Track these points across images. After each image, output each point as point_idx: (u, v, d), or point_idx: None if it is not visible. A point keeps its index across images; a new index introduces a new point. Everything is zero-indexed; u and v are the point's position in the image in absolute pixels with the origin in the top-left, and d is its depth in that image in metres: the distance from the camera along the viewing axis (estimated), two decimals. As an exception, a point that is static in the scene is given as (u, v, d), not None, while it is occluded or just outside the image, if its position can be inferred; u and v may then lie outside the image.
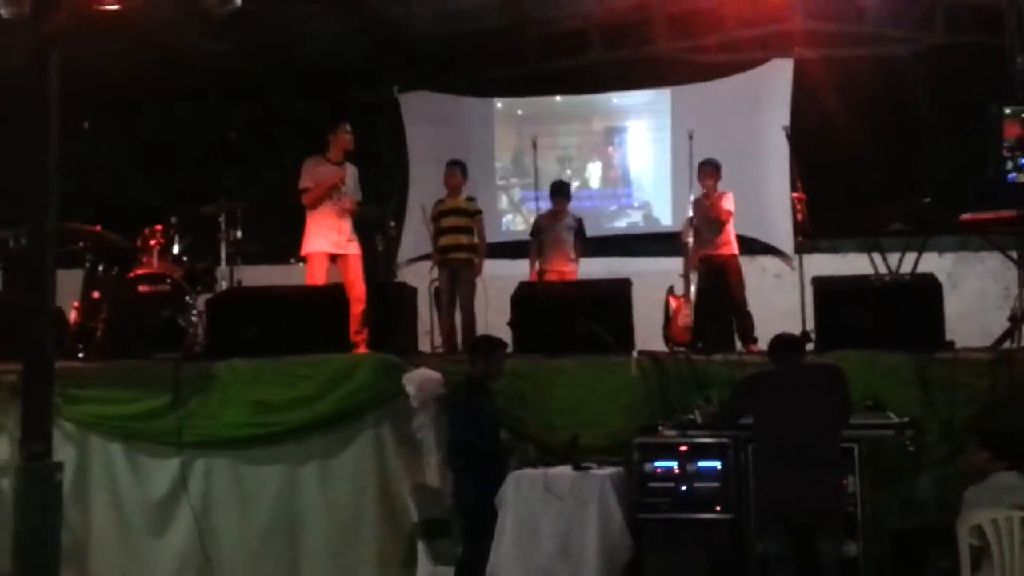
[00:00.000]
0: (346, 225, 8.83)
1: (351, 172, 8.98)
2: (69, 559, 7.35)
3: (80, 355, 8.45)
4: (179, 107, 11.74)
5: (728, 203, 9.08)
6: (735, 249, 9.18)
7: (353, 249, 8.84)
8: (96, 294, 8.75)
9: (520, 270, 9.52)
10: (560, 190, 9.68)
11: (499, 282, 8.99)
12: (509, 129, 12.28)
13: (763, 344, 7.96)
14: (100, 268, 8.92)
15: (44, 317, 6.97)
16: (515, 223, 11.82)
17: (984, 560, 5.75)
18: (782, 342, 6.41)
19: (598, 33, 11.82)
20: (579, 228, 9.57)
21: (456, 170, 9.32)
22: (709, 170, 9.16)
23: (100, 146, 11.00)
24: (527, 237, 9.82)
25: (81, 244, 8.92)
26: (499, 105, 12.26)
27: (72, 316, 8.71)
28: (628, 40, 11.79)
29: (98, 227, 9.00)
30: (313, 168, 8.83)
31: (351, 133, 8.93)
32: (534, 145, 9.93)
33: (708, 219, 9.11)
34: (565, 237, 9.43)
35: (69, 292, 8.58)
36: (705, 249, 9.07)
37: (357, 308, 8.53)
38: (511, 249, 10.44)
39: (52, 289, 7.05)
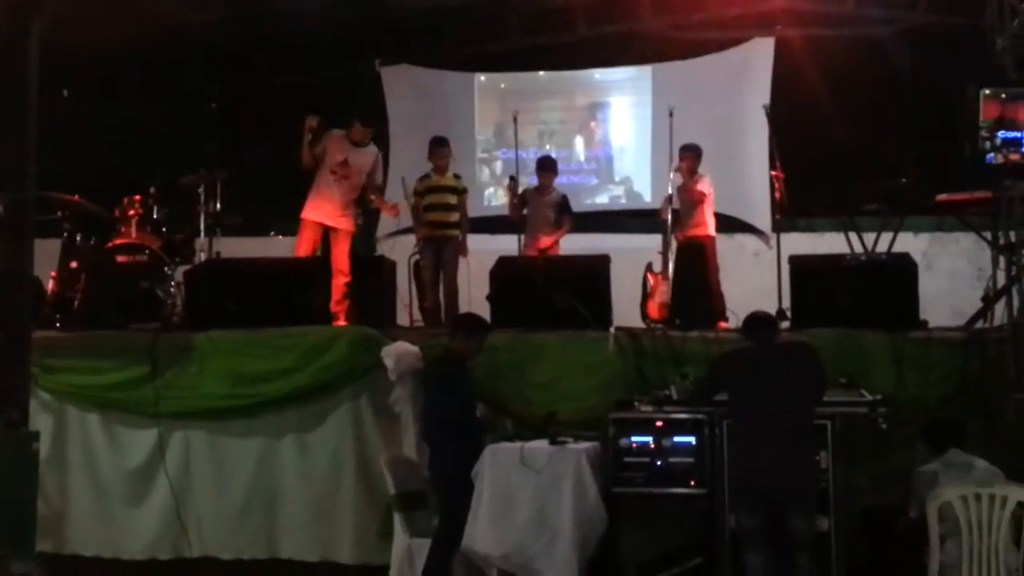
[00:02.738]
0: (337, 201, 8.78)
1: (370, 155, 8.93)
2: (46, 528, 7.37)
3: (57, 325, 8.42)
4: (160, 77, 11.67)
5: (702, 186, 9.15)
6: (711, 231, 9.24)
7: (343, 224, 8.81)
8: (74, 264, 8.72)
9: (500, 245, 9.52)
10: (546, 164, 9.69)
11: (480, 256, 9.00)
12: (492, 103, 12.28)
13: (738, 322, 8.06)
14: (78, 238, 8.89)
15: (22, 286, 6.94)
16: (496, 196, 11.83)
17: (948, 537, 5.86)
18: (756, 320, 6.47)
19: (582, 9, 11.81)
20: (564, 204, 9.57)
21: (447, 150, 9.32)
22: (684, 154, 9.23)
23: (79, 114, 10.93)
24: (506, 212, 9.77)
25: (59, 213, 8.87)
26: (482, 79, 12.24)
27: (50, 286, 8.69)
28: (612, 16, 11.78)
29: (76, 196, 8.96)
30: (327, 138, 8.78)
31: (362, 132, 8.85)
32: (515, 120, 9.93)
33: (684, 201, 9.19)
34: (548, 214, 9.45)
35: (47, 261, 8.53)
36: (683, 230, 9.15)
37: (339, 280, 8.54)
38: (493, 223, 10.44)
39: (30, 258, 7.02)
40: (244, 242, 9.77)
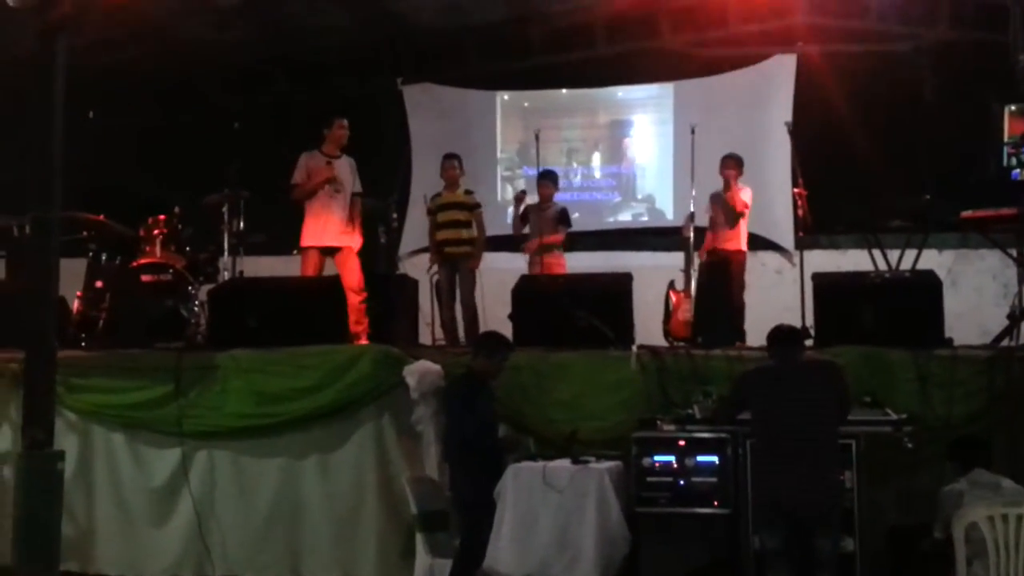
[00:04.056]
0: (338, 218, 8.81)
1: (348, 164, 8.98)
2: (71, 547, 7.42)
3: (83, 344, 8.48)
4: (184, 97, 11.77)
5: (746, 196, 9.10)
6: (743, 246, 9.19)
7: (346, 241, 8.81)
8: (99, 283, 8.78)
9: (522, 263, 9.53)
10: (544, 176, 9.65)
11: (501, 275, 9.01)
12: (515, 122, 12.30)
13: (755, 340, 8.03)
14: (103, 257, 8.95)
15: (47, 306, 7.00)
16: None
17: (975, 558, 5.81)
18: (782, 335, 6.38)
19: (603, 27, 11.83)
20: (563, 216, 9.48)
21: (455, 163, 9.33)
22: (731, 163, 9.17)
23: (105, 135, 11.03)
24: (526, 230, 9.72)
25: (85, 233, 8.95)
26: (506, 97, 12.27)
27: (75, 305, 8.75)
28: (633, 34, 11.80)
29: (102, 216, 9.03)
30: (306, 163, 8.86)
31: (346, 128, 8.92)
32: (537, 138, 9.95)
33: (721, 211, 9.13)
34: (547, 228, 9.37)
35: (72, 281, 8.59)
36: (714, 241, 9.09)
37: (354, 299, 8.55)
38: (515, 241, 10.43)
39: (56, 278, 7.08)
40: (268, 261, 9.81)
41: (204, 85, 11.67)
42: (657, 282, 9.06)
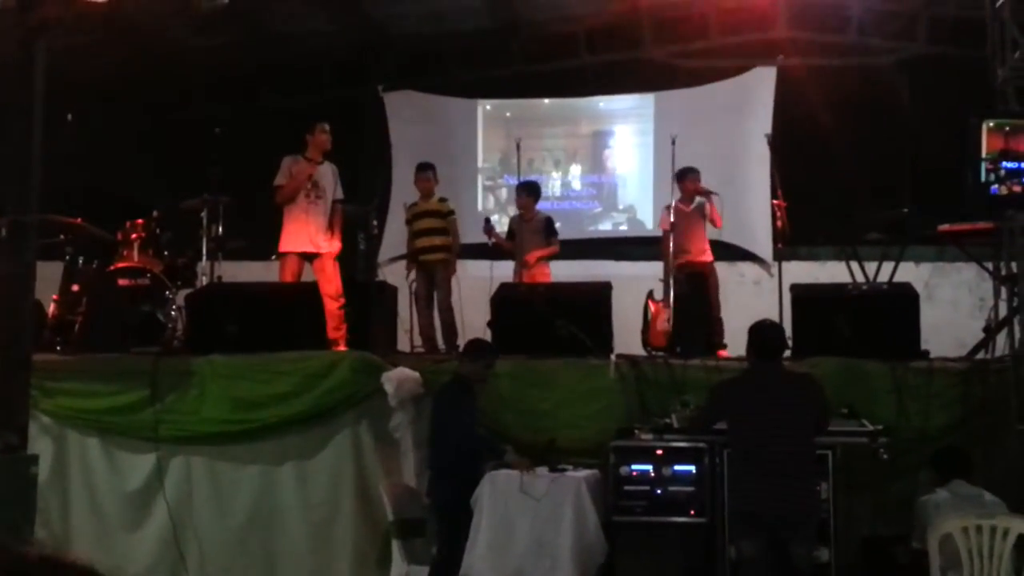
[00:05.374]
0: (317, 224, 8.80)
1: (331, 170, 8.97)
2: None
3: (58, 348, 8.41)
4: (165, 101, 11.72)
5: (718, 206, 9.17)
6: (711, 256, 9.25)
7: (324, 247, 8.80)
8: (75, 287, 8.70)
9: (499, 271, 9.51)
10: (523, 189, 9.66)
11: (480, 283, 9.01)
12: (497, 130, 12.32)
13: (732, 351, 8.06)
14: (80, 261, 8.88)
15: (24, 309, 6.94)
16: (501, 224, 11.82)
17: (949, 569, 5.83)
18: (766, 348, 6.29)
19: (586, 37, 11.87)
20: (547, 227, 9.48)
21: (429, 174, 9.34)
22: (698, 176, 9.21)
23: (84, 138, 10.96)
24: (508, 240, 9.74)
25: (62, 236, 8.86)
26: (488, 107, 12.29)
27: (51, 308, 8.67)
28: (615, 44, 11.83)
29: (79, 219, 8.96)
30: (289, 166, 8.85)
31: (328, 132, 8.93)
32: (518, 147, 9.96)
33: (695, 224, 9.15)
34: (532, 240, 9.38)
35: (48, 285, 8.53)
36: (688, 255, 9.11)
37: (332, 306, 8.53)
38: (495, 250, 10.44)
39: (32, 281, 7.02)
40: (246, 266, 9.77)
41: (186, 89, 11.63)
42: (636, 292, 9.06)
